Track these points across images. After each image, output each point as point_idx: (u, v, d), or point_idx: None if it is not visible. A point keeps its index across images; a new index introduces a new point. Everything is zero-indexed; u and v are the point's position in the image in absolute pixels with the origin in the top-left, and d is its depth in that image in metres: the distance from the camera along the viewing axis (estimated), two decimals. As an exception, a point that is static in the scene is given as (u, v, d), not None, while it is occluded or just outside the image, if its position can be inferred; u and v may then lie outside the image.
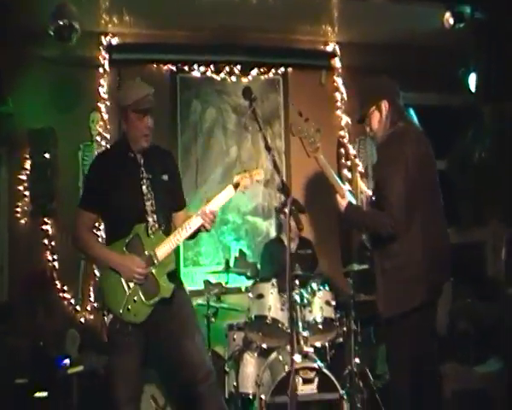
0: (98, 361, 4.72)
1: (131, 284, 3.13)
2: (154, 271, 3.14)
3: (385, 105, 3.35)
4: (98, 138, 5.42)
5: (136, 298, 3.11)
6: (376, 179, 3.36)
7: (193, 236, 3.28)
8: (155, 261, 3.14)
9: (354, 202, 3.41)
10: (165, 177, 3.33)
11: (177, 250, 3.30)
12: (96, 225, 4.52)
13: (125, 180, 3.22)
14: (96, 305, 5.24)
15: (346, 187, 3.39)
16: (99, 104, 5.45)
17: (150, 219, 3.20)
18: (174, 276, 3.25)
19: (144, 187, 3.22)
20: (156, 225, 3.21)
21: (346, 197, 3.36)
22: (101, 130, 5.42)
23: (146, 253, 3.15)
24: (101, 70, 5.49)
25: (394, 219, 3.12)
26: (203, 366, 3.20)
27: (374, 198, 3.44)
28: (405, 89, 3.72)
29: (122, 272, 3.12)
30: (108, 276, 3.17)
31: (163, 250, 3.15)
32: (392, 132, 3.33)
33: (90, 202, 3.27)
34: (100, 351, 4.93)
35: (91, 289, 5.27)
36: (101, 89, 5.46)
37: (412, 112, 3.52)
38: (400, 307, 3.17)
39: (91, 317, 5.25)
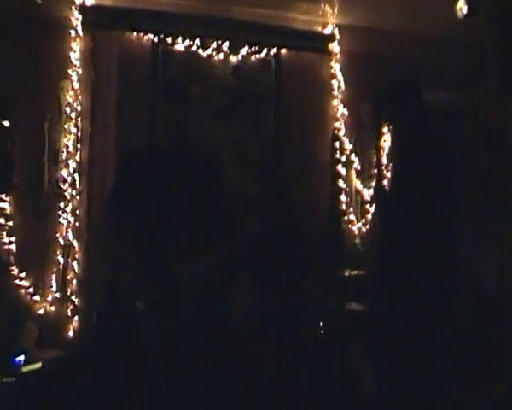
0: (58, 358, 4.41)
1: None
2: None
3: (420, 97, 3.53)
4: (67, 109, 4.95)
5: None
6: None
7: None
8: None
9: None
10: None
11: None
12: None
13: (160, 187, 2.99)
14: (57, 295, 4.82)
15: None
16: (70, 72, 4.96)
17: (182, 233, 2.95)
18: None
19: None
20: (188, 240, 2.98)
21: None
22: (70, 100, 4.94)
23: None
24: (72, 33, 4.99)
25: None
26: None
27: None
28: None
29: None
30: None
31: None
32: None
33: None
34: (61, 347, 4.64)
35: (53, 277, 4.85)
36: (72, 54, 4.96)
37: None
38: None
39: (52, 308, 4.81)
